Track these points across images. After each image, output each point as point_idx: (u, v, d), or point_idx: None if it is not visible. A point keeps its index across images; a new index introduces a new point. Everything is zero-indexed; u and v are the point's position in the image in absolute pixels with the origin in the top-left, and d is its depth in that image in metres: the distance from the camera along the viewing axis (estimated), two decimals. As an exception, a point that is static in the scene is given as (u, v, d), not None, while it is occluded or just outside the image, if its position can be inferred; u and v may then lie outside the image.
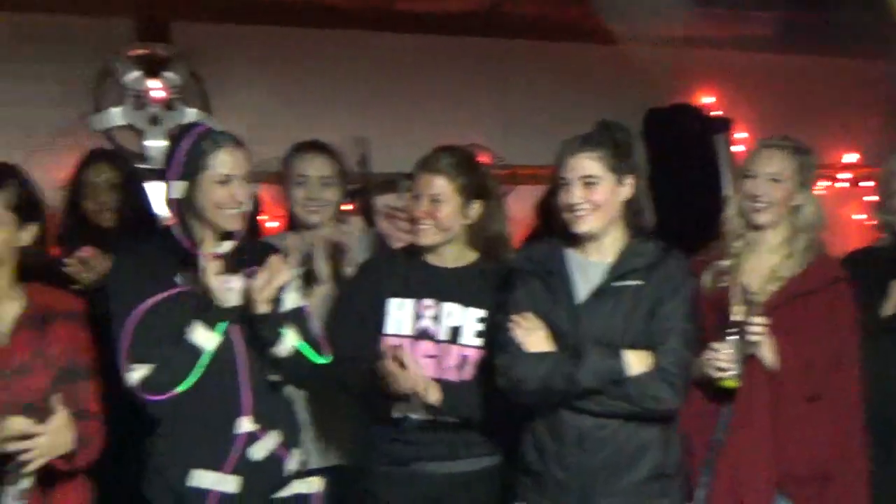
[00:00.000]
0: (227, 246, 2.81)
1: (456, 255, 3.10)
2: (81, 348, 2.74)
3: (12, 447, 2.44)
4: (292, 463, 2.86)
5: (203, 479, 2.75)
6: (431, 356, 3.02)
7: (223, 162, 2.78)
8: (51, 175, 3.83)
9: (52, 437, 2.50)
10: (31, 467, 2.46)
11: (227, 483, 2.75)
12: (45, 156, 4.26)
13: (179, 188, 2.78)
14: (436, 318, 3.04)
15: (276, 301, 2.81)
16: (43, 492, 2.60)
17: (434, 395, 2.94)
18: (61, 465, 2.57)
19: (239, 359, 2.78)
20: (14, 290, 2.71)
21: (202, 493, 2.74)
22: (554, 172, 2.92)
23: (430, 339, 3.03)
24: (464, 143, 3.42)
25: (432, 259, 3.09)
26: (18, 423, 2.44)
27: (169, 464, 2.77)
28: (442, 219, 3.01)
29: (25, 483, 2.50)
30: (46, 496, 2.63)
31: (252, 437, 2.78)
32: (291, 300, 2.87)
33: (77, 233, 3.50)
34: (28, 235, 2.70)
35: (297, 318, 2.85)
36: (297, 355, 2.80)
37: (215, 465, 2.75)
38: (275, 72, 4.75)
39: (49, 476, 2.59)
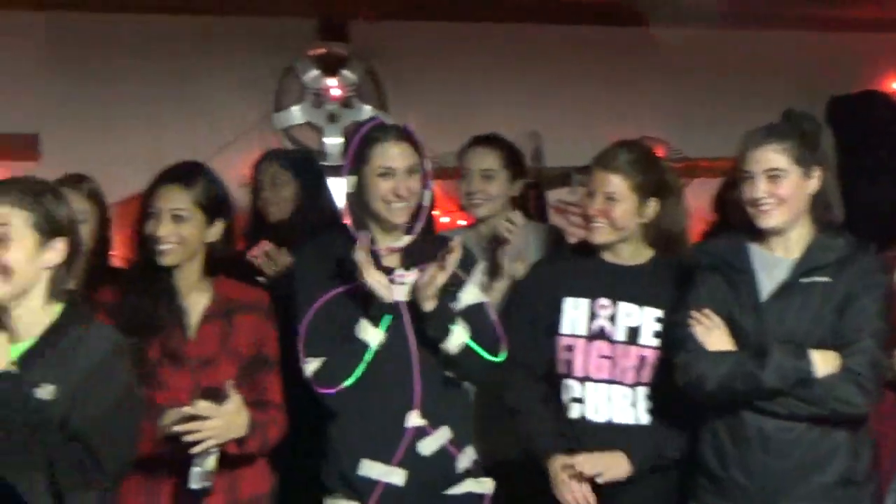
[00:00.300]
0: (405, 240, 2.84)
1: (631, 253, 3.02)
2: (266, 340, 2.82)
3: (189, 428, 2.53)
4: (464, 461, 2.84)
5: (371, 469, 2.78)
6: (606, 357, 2.96)
7: (384, 155, 2.79)
8: (235, 173, 3.97)
9: (226, 420, 2.57)
10: (201, 447, 2.53)
11: (394, 475, 2.77)
12: (229, 154, 4.43)
13: (350, 183, 2.83)
14: (612, 318, 2.97)
15: (452, 296, 2.81)
16: (227, 476, 2.69)
17: (622, 469, 2.88)
18: (233, 448, 2.65)
19: (412, 353, 2.79)
20: (202, 284, 2.81)
21: (370, 483, 2.77)
22: (733, 165, 2.83)
23: (605, 340, 2.97)
24: (638, 135, 3.36)
25: (607, 257, 3.03)
26: (198, 406, 2.54)
27: (342, 452, 2.81)
28: (616, 218, 2.94)
29: (210, 465, 2.58)
30: (230, 480, 2.72)
31: (421, 432, 2.79)
32: (470, 296, 2.85)
33: (253, 229, 3.60)
34: (216, 231, 2.79)
35: (473, 314, 2.83)
36: (468, 352, 2.78)
37: (384, 457, 2.77)
38: (450, 67, 4.76)
39: (232, 461, 2.68)
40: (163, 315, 2.71)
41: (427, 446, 2.79)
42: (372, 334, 2.74)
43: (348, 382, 2.74)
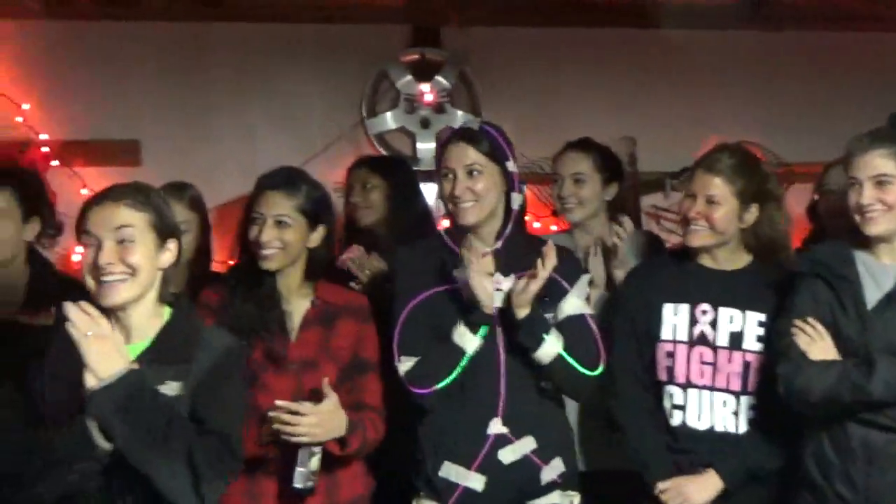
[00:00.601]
0: (495, 245, 2.84)
1: (730, 258, 2.99)
2: (365, 343, 2.84)
3: (286, 426, 2.56)
4: (550, 473, 2.81)
5: (452, 472, 2.79)
6: (708, 363, 2.93)
7: (445, 156, 2.84)
8: (328, 179, 4.00)
9: (322, 419, 2.60)
10: (297, 440, 2.57)
11: (473, 480, 2.77)
12: (322, 160, 4.47)
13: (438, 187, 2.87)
14: (713, 324, 2.93)
15: (549, 305, 2.79)
16: (325, 478, 2.71)
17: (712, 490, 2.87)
18: (334, 448, 2.67)
19: (500, 359, 2.79)
20: (304, 289, 2.84)
21: (450, 486, 2.79)
22: (822, 172, 2.77)
23: (707, 346, 2.93)
24: (733, 140, 3.31)
25: (706, 262, 3.00)
26: (294, 405, 2.57)
27: (427, 453, 2.83)
28: (716, 221, 2.91)
29: (313, 465, 2.62)
30: (329, 483, 2.74)
31: (503, 440, 2.78)
32: (571, 306, 2.83)
33: (345, 233, 3.63)
34: (317, 237, 2.82)
35: (572, 325, 2.80)
36: (561, 363, 2.76)
37: (464, 461, 2.78)
38: (543, 72, 4.74)
39: (332, 464, 2.71)
40: (266, 319, 2.74)
41: (507, 455, 2.78)
42: (469, 341, 2.74)
43: (441, 385, 2.75)
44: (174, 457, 2.15)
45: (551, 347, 2.74)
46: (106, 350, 2.11)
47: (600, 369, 2.81)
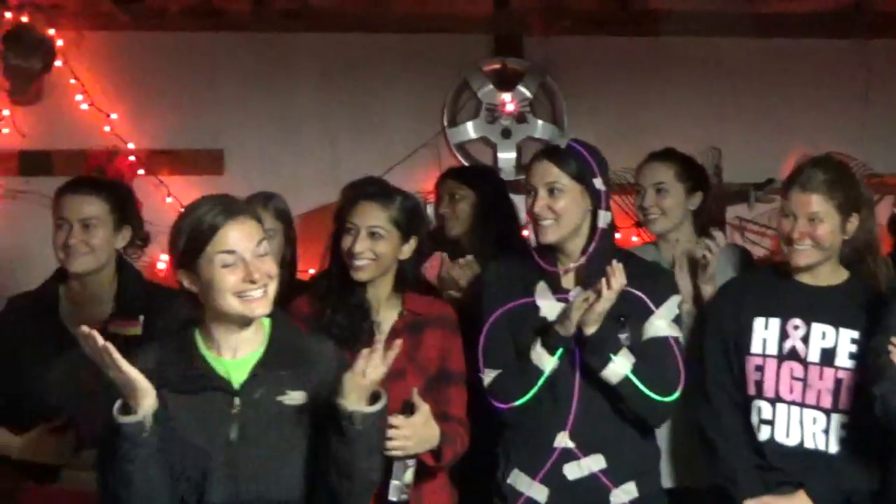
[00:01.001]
0: (577, 261, 2.82)
1: (829, 273, 2.93)
2: (451, 355, 2.83)
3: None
4: (621, 496, 2.78)
5: (518, 480, 2.80)
6: (798, 379, 2.87)
7: (530, 172, 2.83)
8: (408, 188, 4.01)
9: (415, 431, 2.59)
10: (391, 453, 2.55)
11: (536, 491, 2.77)
12: (403, 170, 4.48)
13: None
14: (805, 339, 2.88)
15: (632, 324, 2.76)
16: (412, 491, 2.69)
17: None
18: (429, 460, 2.67)
19: (575, 373, 2.77)
20: (393, 299, 2.85)
21: (516, 494, 2.80)
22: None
23: (798, 361, 2.88)
24: (819, 151, 3.24)
25: (801, 276, 2.94)
26: (392, 418, 2.55)
27: (501, 460, 2.85)
28: (821, 238, 2.85)
29: (408, 478, 2.62)
30: (415, 495, 2.72)
31: (569, 454, 2.76)
32: (655, 328, 2.79)
33: (433, 244, 3.61)
34: (409, 248, 2.82)
35: (652, 348, 2.77)
36: (629, 386, 2.72)
37: (530, 471, 2.78)
38: (626, 82, 4.70)
39: (419, 476, 2.69)
40: (356, 329, 2.74)
41: (573, 470, 2.76)
42: (547, 362, 2.73)
43: (520, 403, 2.75)
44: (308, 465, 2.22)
45: (619, 368, 2.71)
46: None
47: (675, 395, 2.77)
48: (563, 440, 2.76)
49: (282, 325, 2.35)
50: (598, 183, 2.81)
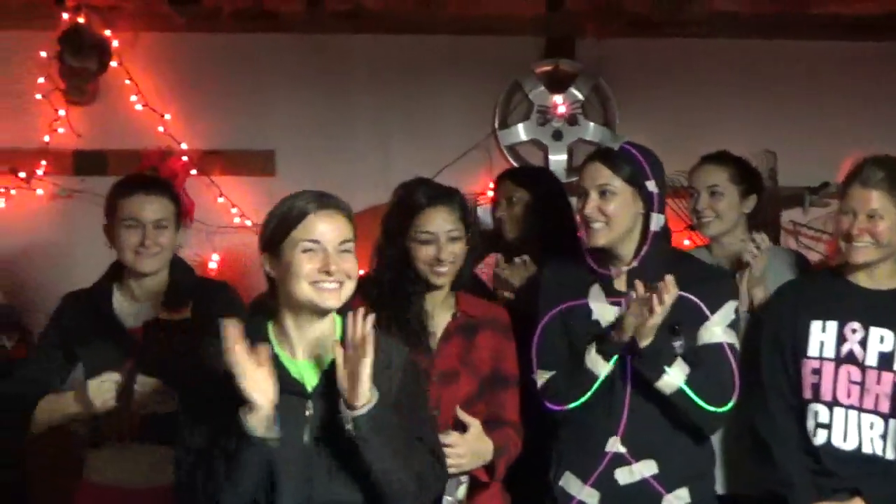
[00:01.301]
0: (631, 264, 2.79)
1: (887, 275, 2.90)
2: (504, 357, 2.83)
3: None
4: (672, 501, 2.75)
5: (570, 483, 2.80)
6: (855, 382, 2.84)
7: (582, 174, 2.82)
8: (461, 188, 3.99)
9: (471, 447, 2.60)
10: (451, 470, 2.55)
11: (586, 495, 2.77)
12: (454, 171, 4.47)
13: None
14: (863, 343, 2.84)
15: (685, 330, 2.72)
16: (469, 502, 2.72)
17: None
18: (483, 476, 2.68)
19: (627, 379, 2.75)
20: (446, 301, 2.85)
21: (567, 497, 2.80)
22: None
23: (855, 364, 2.84)
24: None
25: (859, 279, 2.91)
26: (444, 436, 2.57)
27: (553, 462, 2.85)
28: (881, 235, 2.83)
29: (461, 494, 2.63)
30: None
31: (620, 459, 2.75)
32: (710, 334, 2.76)
33: (490, 245, 3.60)
34: (465, 250, 2.83)
35: (706, 355, 2.74)
36: (682, 397, 2.69)
37: (581, 475, 2.78)
38: (678, 84, 4.65)
39: (472, 487, 2.70)
40: (411, 331, 2.74)
41: (624, 475, 2.75)
42: (601, 367, 2.72)
43: (573, 405, 2.75)
44: (407, 470, 2.23)
45: (673, 380, 2.69)
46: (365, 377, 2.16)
47: (729, 405, 2.74)
48: (614, 445, 2.75)
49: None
50: (650, 186, 2.79)
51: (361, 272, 3.27)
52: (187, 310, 3.00)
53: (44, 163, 4.50)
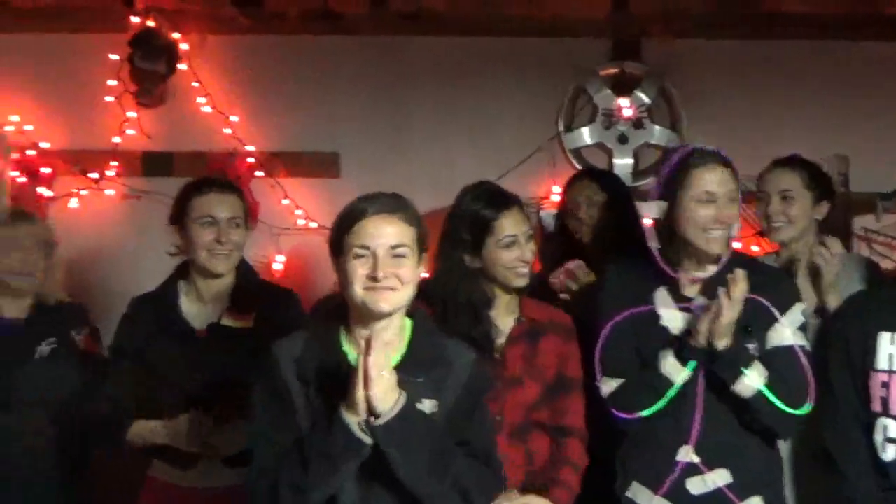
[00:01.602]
0: (710, 270, 2.75)
1: None
2: (568, 361, 2.82)
3: None
4: None
5: (638, 494, 2.76)
6: None
7: (704, 180, 2.73)
8: (524, 192, 3.98)
9: None
10: None
11: None
12: (516, 175, 4.44)
13: (659, 208, 2.76)
14: (933, 355, 2.76)
15: (755, 334, 2.67)
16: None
17: None
18: None
19: (699, 386, 2.70)
20: (511, 304, 2.84)
21: None
22: None
23: (926, 377, 2.76)
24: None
25: (931, 288, 2.82)
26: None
27: (620, 472, 2.81)
28: None
29: None
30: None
31: (693, 469, 2.70)
32: (780, 336, 2.72)
33: (560, 249, 3.57)
34: None
35: (778, 358, 2.69)
36: (761, 400, 2.65)
37: (652, 485, 2.73)
38: (747, 87, 4.57)
39: None
40: (476, 336, 2.73)
41: (696, 485, 2.71)
42: (679, 374, 2.68)
43: (647, 413, 2.70)
44: (447, 482, 2.20)
45: (752, 382, 2.64)
46: (387, 385, 2.14)
47: (807, 407, 2.69)
48: (687, 454, 2.71)
49: (423, 329, 2.36)
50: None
51: (426, 275, 3.28)
52: (251, 317, 3.02)
53: (114, 164, 4.56)
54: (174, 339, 3.00)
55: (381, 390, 2.12)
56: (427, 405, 2.24)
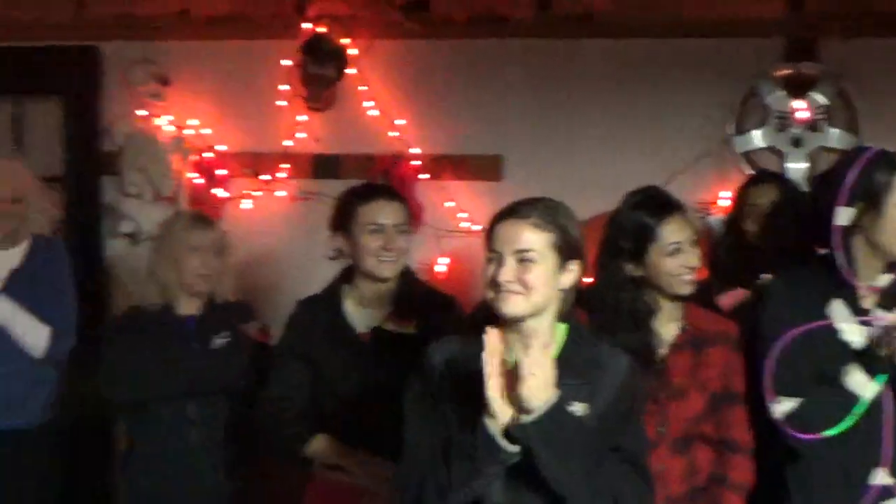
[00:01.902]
0: (884, 279, 2.62)
1: None
2: (733, 374, 2.74)
3: None
4: None
5: None
6: None
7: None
8: (690, 199, 3.89)
9: None
10: None
11: None
12: (685, 179, 4.35)
13: (847, 214, 2.63)
14: None
15: None
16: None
17: None
18: None
19: (885, 403, 2.57)
20: (674, 312, 2.78)
21: None
22: None
23: None
24: None
25: None
26: None
27: (796, 497, 2.70)
28: None
29: None
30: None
31: (886, 492, 2.58)
32: None
33: (735, 255, 3.47)
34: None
35: None
36: None
37: None
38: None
39: None
40: (638, 343, 2.69)
41: None
42: (868, 388, 2.54)
43: (832, 432, 2.55)
44: (597, 486, 2.18)
45: None
46: (541, 382, 2.13)
47: None
48: (881, 477, 2.58)
49: (577, 333, 2.34)
50: None
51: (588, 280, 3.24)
52: (412, 323, 3.05)
53: (285, 166, 4.69)
54: (339, 342, 3.06)
55: (534, 387, 2.11)
56: (578, 408, 2.21)
